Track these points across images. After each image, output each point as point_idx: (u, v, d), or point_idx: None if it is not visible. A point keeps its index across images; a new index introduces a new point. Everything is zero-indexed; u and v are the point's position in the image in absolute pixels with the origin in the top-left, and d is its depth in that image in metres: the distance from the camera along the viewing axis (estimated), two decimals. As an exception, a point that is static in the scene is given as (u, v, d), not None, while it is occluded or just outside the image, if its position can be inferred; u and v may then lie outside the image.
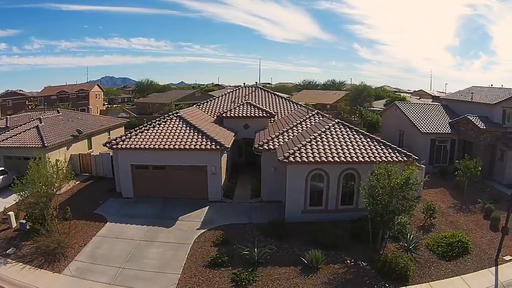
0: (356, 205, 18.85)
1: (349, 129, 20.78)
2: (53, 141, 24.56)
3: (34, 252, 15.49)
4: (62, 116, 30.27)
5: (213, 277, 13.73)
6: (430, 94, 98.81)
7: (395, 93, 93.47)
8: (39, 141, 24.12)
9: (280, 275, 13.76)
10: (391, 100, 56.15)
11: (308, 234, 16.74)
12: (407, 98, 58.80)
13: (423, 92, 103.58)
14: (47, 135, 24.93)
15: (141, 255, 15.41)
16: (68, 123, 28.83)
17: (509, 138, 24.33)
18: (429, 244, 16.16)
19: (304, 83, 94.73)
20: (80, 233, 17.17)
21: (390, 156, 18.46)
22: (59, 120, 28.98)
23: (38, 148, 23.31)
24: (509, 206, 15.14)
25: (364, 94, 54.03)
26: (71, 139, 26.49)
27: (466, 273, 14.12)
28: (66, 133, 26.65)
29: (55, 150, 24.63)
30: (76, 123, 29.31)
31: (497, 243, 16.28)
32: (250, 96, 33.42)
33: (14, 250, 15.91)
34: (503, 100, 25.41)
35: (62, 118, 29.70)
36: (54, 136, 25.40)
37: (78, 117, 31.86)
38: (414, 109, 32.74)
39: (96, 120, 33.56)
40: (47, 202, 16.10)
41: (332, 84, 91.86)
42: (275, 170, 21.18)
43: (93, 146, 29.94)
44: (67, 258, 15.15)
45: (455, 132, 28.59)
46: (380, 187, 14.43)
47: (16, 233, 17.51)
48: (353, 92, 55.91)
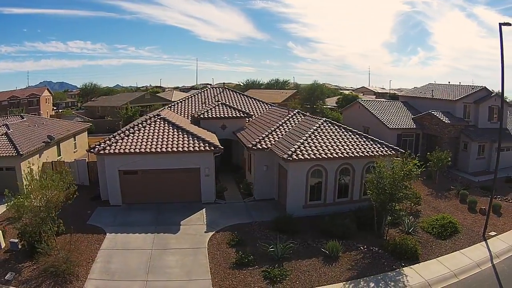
0: (351, 197, 21.27)
1: (337, 127, 23.19)
2: (27, 149, 23.77)
3: (38, 275, 14.55)
4: (27, 122, 29.05)
5: (245, 277, 14.64)
6: (372, 91, 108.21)
7: (338, 90, 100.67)
8: (12, 149, 23.23)
9: (307, 267, 15.29)
10: (343, 98, 61.07)
11: (314, 227, 18.62)
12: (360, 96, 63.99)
13: (365, 89, 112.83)
14: (19, 142, 24.04)
15: (160, 264, 15.45)
16: (36, 129, 27.84)
17: (471, 131, 28.88)
18: (424, 227, 19.02)
19: (247, 83, 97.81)
20: (81, 248, 16.53)
21: (380, 150, 21.21)
22: (26, 126, 27.85)
23: (13, 156, 22.77)
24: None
25: (316, 92, 57.96)
26: (43, 146, 25.74)
27: (462, 248, 17.13)
28: (38, 140, 25.80)
29: (29, 158, 23.74)
30: (44, 129, 28.35)
31: (479, 222, 19.86)
32: (219, 97, 34.60)
33: (13, 275, 14.66)
34: (464, 96, 30.06)
35: (29, 124, 28.52)
36: (27, 143, 24.58)
37: (43, 122, 30.78)
38: (378, 107, 36.68)
39: (61, 125, 32.48)
40: (47, 218, 15.22)
41: (276, 83, 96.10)
42: (267, 169, 22.88)
43: (62, 153, 29.09)
44: (79, 277, 14.49)
45: (419, 127, 32.82)
46: (386, 178, 16.85)
47: (8, 254, 16.29)
48: (306, 91, 59.61)
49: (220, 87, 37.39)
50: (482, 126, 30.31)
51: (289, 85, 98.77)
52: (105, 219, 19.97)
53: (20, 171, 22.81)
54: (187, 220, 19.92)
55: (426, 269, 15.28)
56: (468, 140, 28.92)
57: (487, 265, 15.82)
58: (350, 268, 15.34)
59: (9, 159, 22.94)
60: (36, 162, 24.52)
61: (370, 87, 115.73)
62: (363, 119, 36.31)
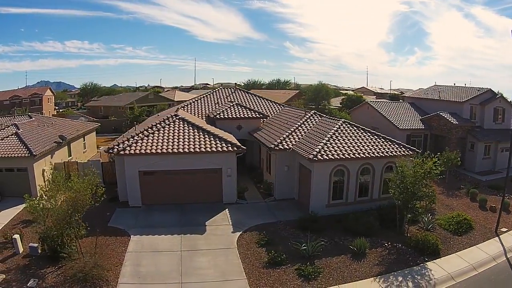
0: (370, 196, 22.79)
1: (355, 128, 24.72)
2: (40, 149, 24.14)
3: (64, 280, 14.33)
4: (36, 122, 29.43)
5: (280, 276, 15.65)
6: (372, 91, 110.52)
7: (338, 90, 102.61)
8: (24, 149, 23.48)
9: (337, 264, 16.59)
10: (347, 98, 62.88)
11: (337, 225, 20.07)
12: (364, 97, 65.86)
13: (364, 89, 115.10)
14: (31, 142, 24.40)
15: (192, 265, 15.94)
16: (46, 129, 28.30)
17: (477, 132, 30.71)
18: (441, 224, 20.61)
19: (248, 83, 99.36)
20: (107, 252, 16.63)
21: (398, 150, 22.82)
22: (35, 126, 28.23)
23: (25, 157, 23.01)
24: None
25: (322, 93, 59.63)
26: (55, 146, 26.27)
27: (478, 243, 18.75)
28: (49, 140, 26.33)
29: (42, 159, 24.38)
30: (54, 129, 28.93)
31: (490, 219, 21.60)
32: (232, 97, 35.93)
33: (36, 281, 14.30)
34: (470, 98, 31.88)
35: (38, 124, 28.96)
36: (39, 144, 24.93)
37: (52, 122, 31.21)
38: (386, 108, 38.38)
39: (70, 125, 33.01)
40: (72, 221, 15.27)
41: (277, 83, 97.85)
42: (288, 169, 24.31)
43: (72, 153, 29.79)
44: (109, 282, 14.46)
45: (427, 127, 34.58)
46: (409, 177, 18.43)
47: (27, 259, 16.15)
48: (311, 91, 61.24)
49: (232, 87, 38.70)
50: (487, 127, 32.20)
51: (290, 85, 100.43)
52: (127, 220, 20.39)
53: (33, 172, 23.45)
54: (212, 220, 20.73)
55: (448, 263, 16.83)
56: (474, 140, 30.79)
57: (502, 259, 17.48)
58: (378, 264, 16.78)
59: (21, 160, 23.00)
60: (48, 163, 25.31)
61: (370, 87, 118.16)
62: (372, 120, 37.94)
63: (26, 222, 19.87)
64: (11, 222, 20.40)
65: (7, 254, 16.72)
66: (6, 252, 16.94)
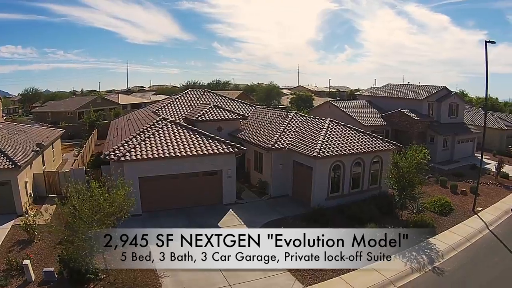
0: (361, 188, 26.41)
1: (342, 126, 28.24)
2: (23, 159, 23.44)
3: None
4: (5, 130, 28.09)
5: None
6: (310, 89, 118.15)
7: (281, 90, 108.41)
8: (6, 160, 22.53)
9: (358, 246, 19.88)
10: (297, 98, 67.42)
11: (339, 215, 23.15)
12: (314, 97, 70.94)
13: (302, 88, 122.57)
14: (10, 152, 23.55)
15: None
16: (18, 137, 27.34)
17: (436, 126, 36.28)
18: (427, 207, 24.88)
19: (188, 84, 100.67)
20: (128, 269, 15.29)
21: (384, 145, 26.81)
22: (5, 134, 26.99)
23: (8, 169, 22.10)
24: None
25: (273, 93, 63.54)
26: (34, 155, 25.69)
27: (462, 221, 23.18)
28: (26, 149, 25.61)
29: (23, 170, 23.60)
30: (26, 136, 27.97)
31: (465, 201, 26.49)
32: (203, 99, 37.69)
33: None
34: (429, 95, 37.48)
35: (8, 132, 27.72)
36: (18, 153, 24.14)
37: (21, 129, 29.98)
38: (348, 106, 42.99)
39: (39, 132, 31.75)
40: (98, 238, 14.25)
41: (217, 84, 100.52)
42: (282, 167, 27.05)
43: (45, 162, 29.24)
44: None
45: (388, 123, 39.66)
46: (405, 167, 22.25)
47: (46, 287, 15.21)
48: (262, 91, 64.79)
49: (201, 89, 40.41)
50: (444, 121, 38.23)
51: (229, 86, 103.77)
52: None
53: (17, 185, 22.58)
54: (222, 222, 22.28)
55: (445, 238, 20.85)
56: (434, 134, 36.37)
57: (486, 231, 22.07)
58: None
59: (3, 172, 22.05)
60: (29, 174, 24.78)
61: (306, 86, 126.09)
62: (335, 118, 41.90)
63: (23, 243, 18.99)
64: (5, 244, 19.12)
65: (17, 284, 15.42)
66: (15, 281, 15.59)
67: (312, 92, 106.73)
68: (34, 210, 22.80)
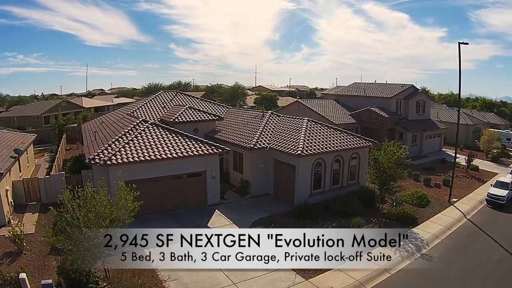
0: (341, 184, 27.57)
1: (320, 124, 29.33)
2: (4, 166, 22.73)
3: None
4: None
5: None
6: (269, 89, 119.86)
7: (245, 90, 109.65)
8: None
9: (347, 239, 20.92)
10: (262, 98, 68.50)
11: (324, 211, 24.05)
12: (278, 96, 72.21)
13: (261, 88, 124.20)
14: None
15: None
16: None
17: (405, 123, 38.33)
18: (406, 200, 26.40)
19: (150, 86, 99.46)
20: (129, 274, 15.50)
21: (361, 143, 28.16)
22: None
23: None
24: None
25: (238, 94, 64.23)
26: (13, 161, 24.75)
27: (440, 211, 24.84)
28: (3, 155, 24.68)
29: (4, 177, 22.51)
30: (0, 142, 26.99)
31: (440, 193, 28.31)
32: (176, 101, 37.63)
33: None
34: (397, 93, 39.50)
35: None
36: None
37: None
38: (317, 105, 44.38)
39: (13, 137, 30.32)
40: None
41: (178, 85, 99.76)
42: (264, 166, 27.72)
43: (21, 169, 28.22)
44: None
45: (357, 121, 41.40)
46: (385, 163, 23.60)
47: None
48: (228, 92, 65.31)
49: (173, 91, 40.33)
50: (411, 118, 40.43)
51: (190, 87, 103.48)
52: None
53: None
54: (211, 222, 22.59)
55: (427, 227, 22.28)
56: (403, 130, 38.44)
57: (464, 220, 23.81)
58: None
59: None
60: (9, 181, 24.04)
61: (266, 86, 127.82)
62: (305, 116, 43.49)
63: (11, 255, 18.26)
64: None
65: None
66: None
67: (273, 92, 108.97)
68: (17, 219, 22.08)
